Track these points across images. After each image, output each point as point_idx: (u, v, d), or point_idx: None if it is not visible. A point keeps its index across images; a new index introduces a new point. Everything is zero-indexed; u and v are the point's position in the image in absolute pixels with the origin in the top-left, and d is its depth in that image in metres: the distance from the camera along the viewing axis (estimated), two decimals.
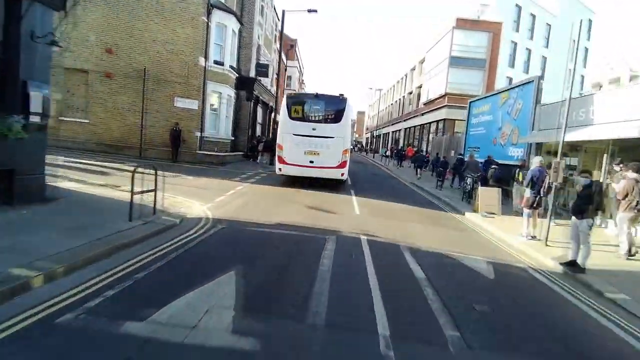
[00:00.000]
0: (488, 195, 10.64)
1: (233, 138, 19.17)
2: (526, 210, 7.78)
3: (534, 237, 7.72)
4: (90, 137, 15.39)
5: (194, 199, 8.37)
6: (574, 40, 6.97)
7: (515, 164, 13.94)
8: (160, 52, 15.26)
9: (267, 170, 16.20)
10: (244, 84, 19.98)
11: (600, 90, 28.04)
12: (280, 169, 11.64)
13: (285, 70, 40.93)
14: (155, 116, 15.46)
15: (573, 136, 9.39)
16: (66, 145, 15.05)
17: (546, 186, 7.59)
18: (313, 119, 11.62)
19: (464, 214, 10.56)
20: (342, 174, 11.75)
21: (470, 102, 19.58)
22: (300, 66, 47.01)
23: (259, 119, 24.29)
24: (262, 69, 20.27)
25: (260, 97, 22.65)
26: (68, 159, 11.95)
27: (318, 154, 11.36)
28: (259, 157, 19.52)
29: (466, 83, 28.73)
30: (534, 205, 7.73)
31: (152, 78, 15.22)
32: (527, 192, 7.84)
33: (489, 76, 29.13)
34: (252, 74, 20.47)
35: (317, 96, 12.04)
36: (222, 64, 16.58)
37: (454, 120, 28.83)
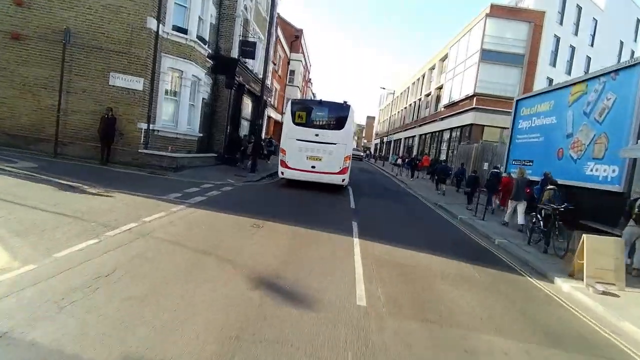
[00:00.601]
0: (599, 250, 5.88)
1: (202, 134, 14.61)
2: None
3: None
4: None
5: (18, 249, 3.83)
6: None
7: (607, 189, 9.31)
8: (93, 8, 10.77)
9: (242, 180, 11.67)
10: (224, 66, 15.61)
11: None
12: (282, 173, 11.65)
13: (288, 63, 36.43)
14: (82, 98, 10.92)
15: None
16: None
17: None
18: (316, 125, 11.67)
19: (552, 281, 5.89)
20: (343, 180, 11.71)
21: (518, 101, 14.82)
22: (306, 61, 42.42)
23: (246, 113, 19.75)
24: (247, 49, 15.76)
25: (247, 87, 18.13)
26: None
27: (320, 159, 11.36)
28: (248, 163, 14.74)
29: (500, 82, 23.97)
30: None
31: (78, 43, 10.72)
32: None
33: (527, 75, 24.29)
34: (236, 54, 16.01)
35: (321, 103, 12.19)
36: (185, 31, 12.09)
37: (483, 126, 24.16)
